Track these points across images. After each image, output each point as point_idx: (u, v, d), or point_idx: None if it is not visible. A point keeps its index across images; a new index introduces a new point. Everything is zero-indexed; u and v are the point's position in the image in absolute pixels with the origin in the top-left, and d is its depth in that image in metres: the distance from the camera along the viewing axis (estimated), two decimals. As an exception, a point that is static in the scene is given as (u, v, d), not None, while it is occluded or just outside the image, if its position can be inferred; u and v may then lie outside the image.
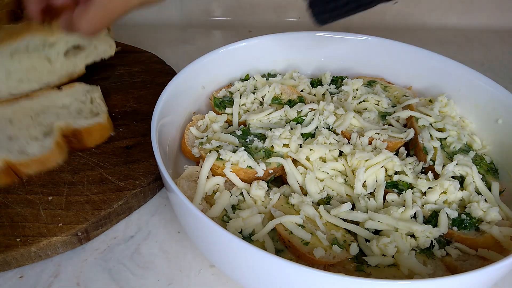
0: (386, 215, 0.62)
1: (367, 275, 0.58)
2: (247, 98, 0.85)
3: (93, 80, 0.95)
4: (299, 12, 1.37)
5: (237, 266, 0.58)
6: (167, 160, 0.72)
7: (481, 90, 0.83)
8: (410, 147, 0.79)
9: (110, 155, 0.80)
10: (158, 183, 0.78)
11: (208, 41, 1.31)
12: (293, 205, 0.66)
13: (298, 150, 0.72)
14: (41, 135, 0.77)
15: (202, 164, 0.69)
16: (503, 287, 0.65)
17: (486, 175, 0.75)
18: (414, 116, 0.81)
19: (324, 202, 0.68)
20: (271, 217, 0.64)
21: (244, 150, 0.70)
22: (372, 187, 0.69)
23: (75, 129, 0.78)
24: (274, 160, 0.71)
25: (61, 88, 0.86)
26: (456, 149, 0.77)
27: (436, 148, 0.75)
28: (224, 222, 0.64)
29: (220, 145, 0.73)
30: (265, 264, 0.51)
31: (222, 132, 0.77)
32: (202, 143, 0.75)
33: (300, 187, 0.70)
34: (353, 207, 0.66)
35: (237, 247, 0.52)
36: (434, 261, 0.61)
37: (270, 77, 0.92)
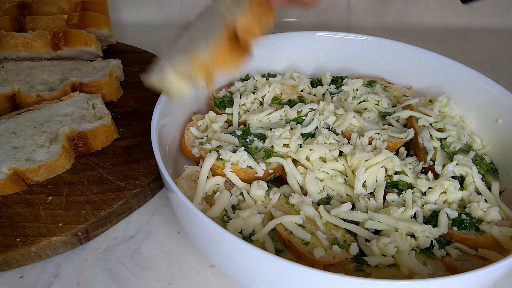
0: (386, 215, 0.62)
1: (367, 275, 0.58)
2: (247, 98, 0.85)
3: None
4: (299, 12, 1.37)
5: (237, 266, 0.58)
6: (167, 160, 0.72)
7: (481, 90, 0.83)
8: (410, 147, 0.79)
9: (110, 155, 0.80)
10: (158, 183, 0.78)
11: (208, 41, 1.30)
12: (293, 205, 0.66)
13: (298, 150, 0.72)
14: (47, 142, 0.77)
15: (202, 164, 0.68)
16: (503, 287, 0.65)
17: (486, 175, 0.75)
18: (414, 116, 0.81)
19: (324, 202, 0.68)
20: (271, 217, 0.64)
21: (244, 150, 0.70)
22: (372, 187, 0.69)
23: (81, 132, 0.79)
24: (274, 160, 0.71)
25: (62, 99, 0.86)
26: (456, 149, 0.77)
27: (436, 148, 0.75)
28: (224, 222, 0.64)
29: (220, 145, 0.73)
30: (265, 264, 0.51)
31: (222, 132, 0.77)
32: (202, 143, 0.75)
33: (300, 187, 0.70)
34: (353, 207, 0.66)
35: (237, 247, 0.52)
36: (434, 261, 0.61)
37: (270, 77, 0.92)
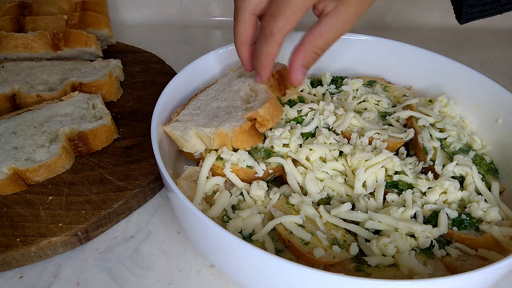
0: (386, 215, 0.62)
1: (367, 275, 0.58)
2: (247, 98, 0.85)
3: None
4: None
5: (237, 266, 0.58)
6: (167, 160, 0.72)
7: (481, 90, 0.83)
8: (410, 147, 0.79)
9: (110, 155, 0.80)
10: (158, 183, 0.78)
11: (208, 41, 1.30)
12: (293, 205, 0.66)
13: (298, 150, 0.72)
14: (47, 142, 0.77)
15: (202, 164, 0.68)
16: (503, 287, 0.65)
17: (486, 175, 0.75)
18: (414, 116, 0.81)
19: (324, 202, 0.68)
20: (271, 217, 0.64)
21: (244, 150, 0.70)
22: (372, 187, 0.69)
23: (81, 132, 0.79)
24: (274, 160, 0.71)
25: (62, 99, 0.86)
26: (456, 149, 0.77)
27: (436, 148, 0.75)
28: (224, 222, 0.64)
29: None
30: (265, 264, 0.51)
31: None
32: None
33: (300, 187, 0.70)
34: (353, 207, 0.66)
35: (237, 247, 0.52)
36: (434, 261, 0.61)
37: (270, 77, 0.92)
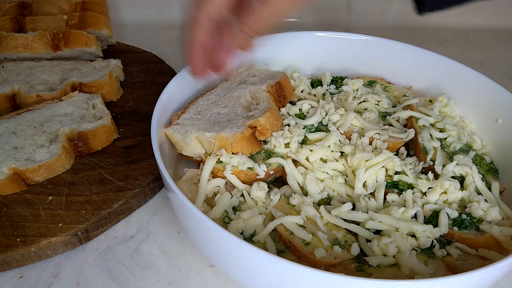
0: (387, 215, 0.62)
1: (368, 275, 0.58)
2: (247, 98, 0.85)
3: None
4: (299, 12, 1.37)
5: (238, 267, 0.58)
6: (167, 160, 0.72)
7: (481, 90, 0.83)
8: (410, 147, 0.79)
9: (110, 155, 0.80)
10: (158, 183, 0.78)
11: (208, 41, 1.30)
12: (294, 206, 0.66)
13: (298, 151, 0.72)
14: (47, 142, 0.77)
15: (203, 167, 0.68)
16: (503, 287, 0.65)
17: (486, 175, 0.75)
18: (414, 116, 0.81)
19: (325, 203, 0.68)
20: (272, 218, 0.64)
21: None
22: (373, 187, 0.69)
23: (81, 132, 0.79)
24: (274, 161, 0.71)
25: (62, 99, 0.86)
26: (456, 149, 0.77)
27: (436, 148, 0.75)
28: (225, 224, 0.64)
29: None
30: (267, 265, 0.51)
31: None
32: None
33: (301, 188, 0.70)
34: (354, 208, 0.66)
35: (239, 248, 0.52)
36: (435, 261, 0.61)
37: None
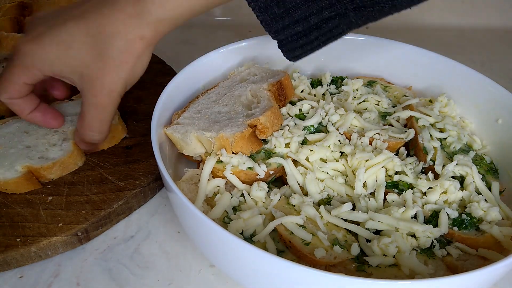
0: (387, 215, 0.62)
1: (368, 275, 0.58)
2: (247, 99, 0.85)
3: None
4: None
5: (238, 267, 0.58)
6: (167, 160, 0.72)
7: (481, 90, 0.83)
8: (410, 147, 0.79)
9: (110, 155, 0.80)
10: (158, 183, 0.78)
11: (208, 41, 1.30)
12: (294, 206, 0.66)
13: (298, 151, 0.72)
14: (60, 141, 0.77)
15: (203, 167, 0.68)
16: (503, 287, 0.65)
17: (486, 175, 0.75)
18: (414, 116, 0.81)
19: (325, 203, 0.68)
20: (272, 218, 0.64)
21: (244, 151, 0.70)
22: (373, 187, 0.69)
23: None
24: (274, 161, 0.71)
25: (72, 99, 0.86)
26: (456, 149, 0.77)
27: (436, 148, 0.75)
28: (225, 224, 0.64)
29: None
30: (267, 265, 0.51)
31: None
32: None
33: (301, 188, 0.70)
34: (354, 207, 0.66)
35: (239, 248, 0.52)
36: (435, 261, 0.61)
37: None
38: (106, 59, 0.62)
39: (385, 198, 0.68)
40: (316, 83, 0.93)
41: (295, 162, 0.72)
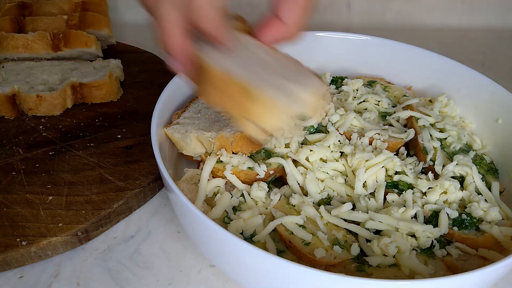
0: (387, 215, 0.62)
1: (368, 275, 0.58)
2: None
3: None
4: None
5: (238, 267, 0.58)
6: (167, 160, 0.72)
7: (481, 90, 0.83)
8: (410, 147, 0.79)
9: (110, 155, 0.80)
10: (158, 183, 0.78)
11: (208, 41, 1.30)
12: (294, 206, 0.66)
13: (298, 151, 0.72)
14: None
15: (203, 167, 0.68)
16: (503, 287, 0.65)
17: (486, 175, 0.75)
18: (414, 116, 0.81)
19: (325, 203, 0.68)
20: (272, 218, 0.64)
21: (244, 151, 0.70)
22: (373, 187, 0.69)
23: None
24: (274, 161, 0.71)
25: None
26: (456, 149, 0.77)
27: (436, 148, 0.75)
28: (225, 224, 0.64)
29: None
30: (267, 265, 0.51)
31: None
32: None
33: (301, 188, 0.70)
34: (354, 207, 0.66)
35: (239, 248, 0.52)
36: (435, 261, 0.61)
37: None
38: None
39: (385, 198, 0.68)
40: (316, 83, 0.93)
41: (295, 162, 0.72)
